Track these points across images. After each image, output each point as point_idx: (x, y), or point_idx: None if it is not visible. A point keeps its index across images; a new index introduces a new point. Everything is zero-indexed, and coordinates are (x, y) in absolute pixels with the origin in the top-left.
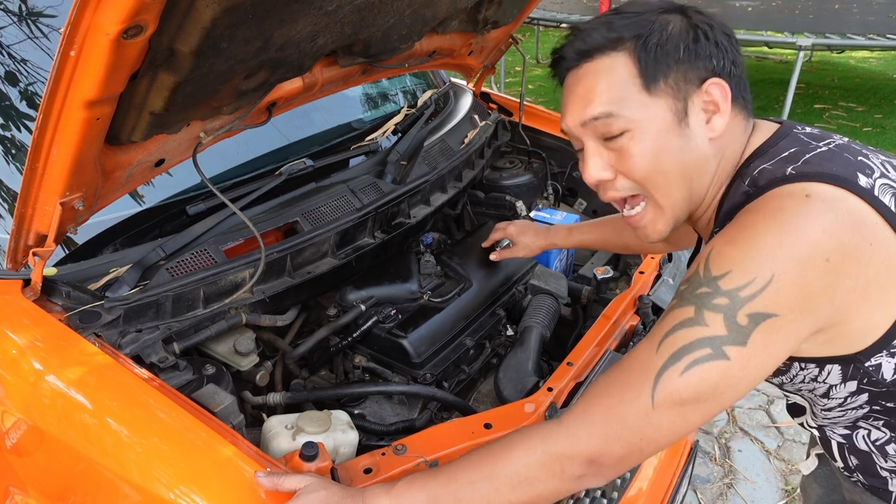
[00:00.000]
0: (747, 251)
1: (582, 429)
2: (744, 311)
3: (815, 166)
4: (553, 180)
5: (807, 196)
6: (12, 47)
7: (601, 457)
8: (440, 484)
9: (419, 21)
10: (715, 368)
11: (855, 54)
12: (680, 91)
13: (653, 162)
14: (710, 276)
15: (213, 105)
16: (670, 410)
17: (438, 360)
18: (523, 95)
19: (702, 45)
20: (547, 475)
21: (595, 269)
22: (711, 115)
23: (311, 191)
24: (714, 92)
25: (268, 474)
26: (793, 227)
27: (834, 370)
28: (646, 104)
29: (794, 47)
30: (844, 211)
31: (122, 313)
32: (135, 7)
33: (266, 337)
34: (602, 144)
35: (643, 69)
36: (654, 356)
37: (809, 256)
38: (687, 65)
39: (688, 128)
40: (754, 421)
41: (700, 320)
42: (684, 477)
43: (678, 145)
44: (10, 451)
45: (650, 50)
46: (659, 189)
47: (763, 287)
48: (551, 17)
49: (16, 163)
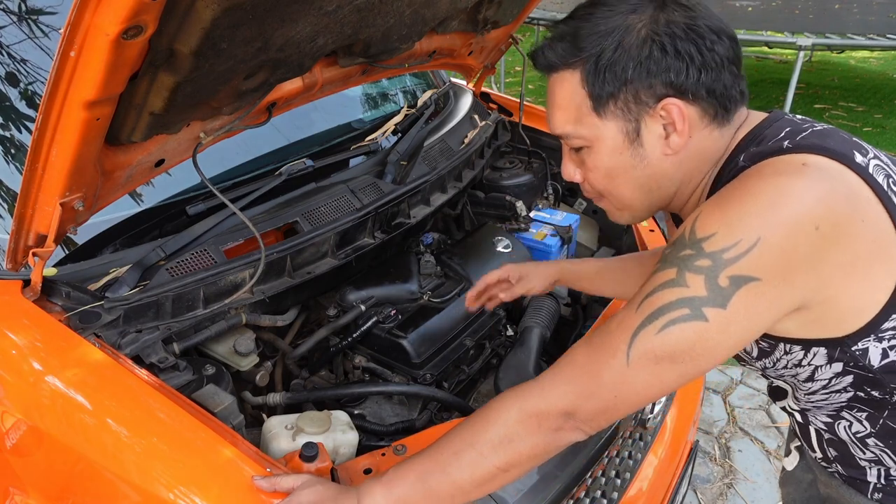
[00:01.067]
0: (734, 213)
1: (558, 385)
2: (725, 274)
3: (811, 140)
4: (553, 180)
5: (803, 164)
6: (12, 47)
7: (576, 412)
8: (426, 460)
9: (419, 21)
10: (692, 329)
11: (855, 54)
12: (630, 112)
13: (606, 178)
14: (695, 238)
15: (212, 105)
16: (645, 369)
17: (438, 360)
18: (523, 95)
19: (655, 59)
20: (525, 431)
21: None
22: (670, 133)
23: (310, 191)
24: (672, 111)
25: (264, 477)
26: (785, 191)
27: (820, 353)
28: (596, 125)
29: (794, 47)
30: (840, 182)
31: (121, 314)
32: (135, 7)
33: (266, 337)
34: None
35: (592, 91)
36: (633, 316)
37: (799, 222)
38: (638, 83)
39: (641, 147)
40: (754, 421)
41: (681, 281)
42: (684, 477)
43: (630, 164)
44: (10, 452)
45: (599, 72)
46: (617, 199)
47: (747, 250)
48: (551, 17)
49: (16, 163)
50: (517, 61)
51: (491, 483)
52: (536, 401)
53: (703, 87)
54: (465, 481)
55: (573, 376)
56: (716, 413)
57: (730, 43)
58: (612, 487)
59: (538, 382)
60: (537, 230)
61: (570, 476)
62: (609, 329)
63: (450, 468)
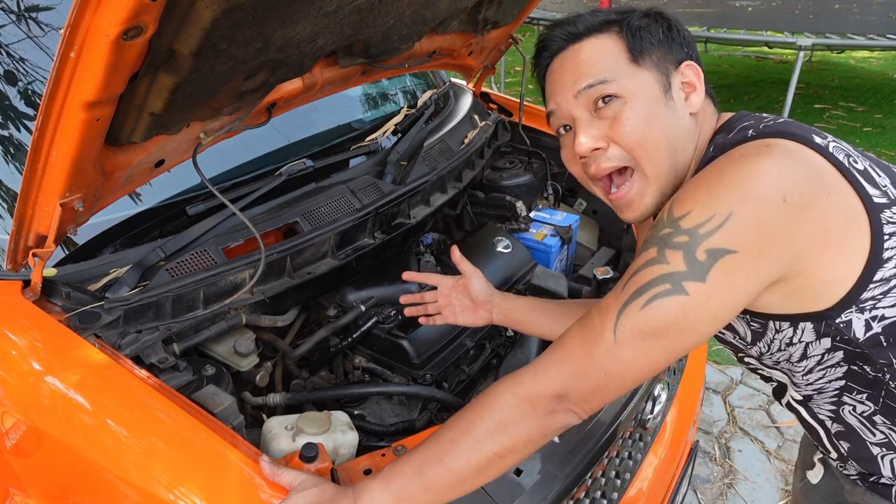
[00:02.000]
0: (707, 191)
1: (549, 369)
2: (702, 248)
3: (773, 128)
4: (553, 180)
5: (767, 146)
6: (12, 47)
7: (568, 393)
8: (423, 453)
9: (419, 21)
10: (674, 303)
11: (855, 54)
12: (662, 67)
13: (644, 127)
14: (672, 217)
15: (212, 106)
16: (632, 345)
17: (438, 360)
18: (523, 95)
19: (675, 33)
20: (520, 415)
21: (595, 270)
22: (689, 93)
23: (310, 191)
24: (689, 73)
25: (270, 462)
26: (751, 168)
27: (807, 328)
28: (635, 74)
29: (794, 47)
30: (801, 158)
31: (121, 314)
32: (135, 8)
33: (266, 337)
34: (594, 115)
35: (630, 45)
36: (619, 295)
37: (767, 195)
38: (666, 46)
39: (672, 100)
40: (754, 421)
41: (661, 258)
42: (684, 477)
43: (666, 114)
44: (10, 452)
45: (634, 31)
46: (648, 156)
47: (721, 223)
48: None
49: (16, 163)
50: (517, 61)
51: (488, 470)
52: (530, 385)
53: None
54: (462, 469)
55: (564, 358)
56: (716, 413)
57: None
58: (612, 488)
59: (531, 367)
60: (537, 230)
61: (570, 476)
62: (598, 309)
63: (447, 457)
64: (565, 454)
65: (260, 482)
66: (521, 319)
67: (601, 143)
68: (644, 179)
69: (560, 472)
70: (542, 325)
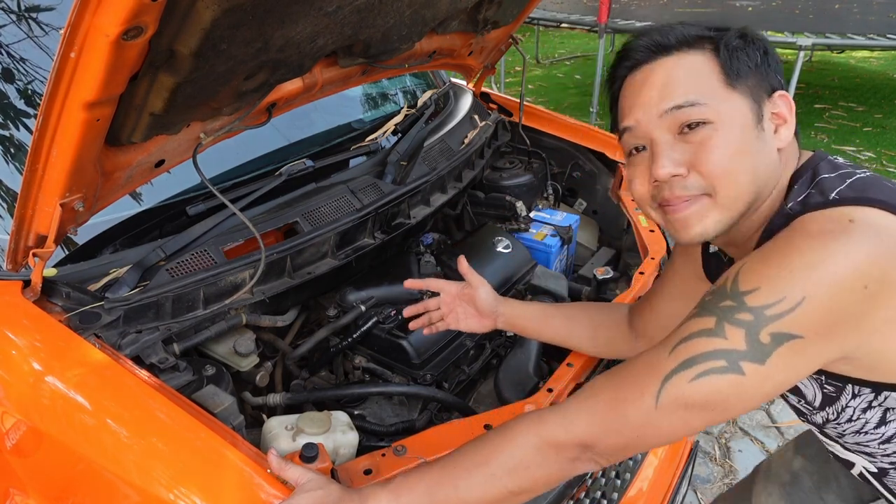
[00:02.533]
0: (780, 269)
1: (581, 417)
2: (767, 330)
3: (858, 191)
4: (553, 180)
5: (850, 221)
6: (12, 47)
7: (595, 445)
8: (437, 473)
9: (419, 21)
10: (727, 381)
11: (855, 54)
12: (756, 95)
13: (732, 158)
14: (738, 290)
15: (212, 106)
16: (673, 414)
17: (438, 360)
18: (523, 95)
19: (771, 57)
20: (542, 459)
21: (595, 270)
22: (779, 126)
23: (310, 191)
24: (781, 104)
25: (278, 457)
26: (832, 250)
27: (892, 397)
28: (729, 99)
29: (794, 47)
30: (888, 236)
31: (121, 314)
32: (135, 8)
33: (266, 337)
34: (677, 138)
35: (726, 66)
36: (665, 359)
37: (847, 280)
38: (762, 72)
39: (763, 132)
40: (754, 421)
41: (720, 332)
42: (684, 477)
43: (756, 146)
44: (10, 452)
45: (731, 51)
46: (728, 189)
47: (791, 308)
48: (551, 17)
49: (16, 163)
50: (517, 61)
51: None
52: (556, 430)
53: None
54: (473, 500)
55: (596, 411)
56: None
57: None
58: (612, 488)
59: (559, 411)
60: (537, 230)
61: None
62: (638, 368)
63: (460, 484)
64: None
65: (260, 482)
66: (524, 325)
67: (682, 169)
68: (714, 206)
69: None
70: (546, 331)
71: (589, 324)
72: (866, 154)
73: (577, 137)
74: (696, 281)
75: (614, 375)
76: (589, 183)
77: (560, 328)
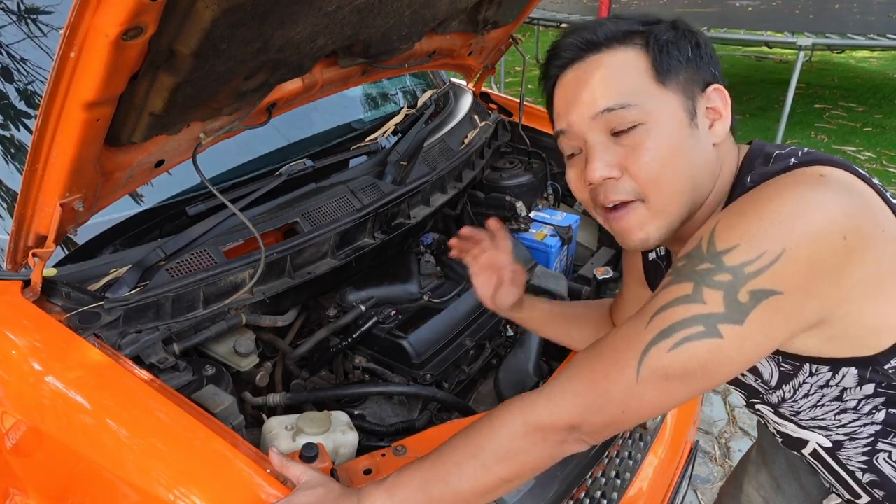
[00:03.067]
0: (760, 222)
1: (564, 399)
2: (746, 288)
3: (816, 156)
4: (553, 180)
5: (821, 175)
6: (12, 47)
7: (581, 425)
8: (428, 469)
9: (419, 22)
10: (705, 346)
11: (855, 54)
12: (688, 91)
13: (665, 159)
14: (715, 251)
15: (213, 106)
16: (655, 385)
17: (438, 360)
18: (523, 95)
19: (704, 50)
20: (530, 444)
21: (595, 270)
22: (714, 120)
23: (310, 191)
24: (716, 98)
25: (280, 454)
26: (810, 200)
27: (850, 373)
28: (660, 97)
29: (794, 47)
30: (859, 193)
31: (121, 314)
32: (135, 8)
33: (266, 337)
34: (610, 140)
35: (656, 62)
36: (643, 331)
37: (827, 231)
38: (694, 66)
39: (696, 129)
40: (754, 421)
41: (697, 297)
42: (684, 477)
43: (690, 144)
44: (10, 452)
45: (662, 45)
46: (661, 192)
47: (772, 262)
48: (551, 17)
49: (15, 163)
50: (517, 61)
51: (493, 493)
52: (542, 414)
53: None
54: (466, 491)
55: (579, 390)
56: (716, 413)
57: None
58: (612, 488)
59: (543, 394)
60: (537, 230)
61: (570, 476)
62: (616, 343)
63: (451, 478)
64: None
65: (260, 482)
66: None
67: (615, 172)
68: (648, 212)
69: (560, 472)
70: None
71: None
72: (866, 154)
73: None
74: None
75: (594, 352)
76: None
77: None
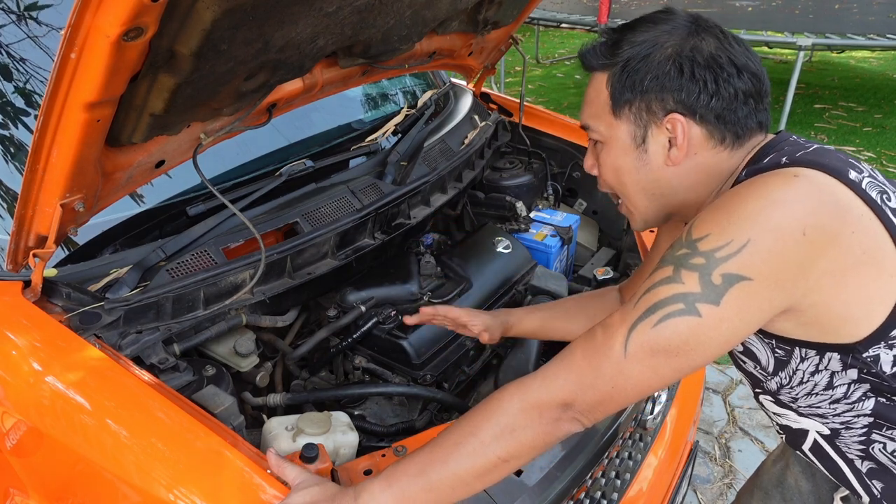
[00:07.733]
0: (728, 216)
1: (558, 377)
2: (718, 271)
3: (807, 157)
4: (553, 181)
5: (795, 176)
6: (12, 47)
7: (574, 402)
8: (426, 454)
9: (419, 22)
10: (686, 323)
11: (855, 54)
12: (641, 119)
13: (613, 174)
14: (691, 238)
15: (213, 106)
16: (641, 361)
17: (438, 360)
18: (523, 95)
19: (671, 77)
20: (526, 421)
21: (595, 270)
22: (672, 145)
23: (311, 192)
24: (673, 126)
25: (277, 456)
26: (775, 198)
27: (834, 358)
28: (611, 125)
29: (794, 47)
30: (829, 193)
31: (122, 314)
32: (135, 9)
33: (266, 338)
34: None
35: (612, 94)
36: (631, 310)
37: (787, 227)
38: (652, 94)
39: (645, 153)
40: (754, 421)
41: (677, 278)
42: (684, 477)
43: (633, 166)
44: (10, 452)
45: (622, 77)
46: (626, 196)
47: (738, 250)
48: (551, 17)
49: (16, 163)
50: (517, 61)
51: (492, 474)
52: (537, 392)
53: (713, 113)
54: (465, 472)
55: (572, 368)
56: (716, 413)
57: (751, 79)
58: (612, 488)
59: (538, 374)
60: (537, 231)
61: (569, 477)
62: (608, 323)
63: (450, 459)
64: (565, 455)
65: (260, 482)
66: (533, 332)
67: (595, 171)
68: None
69: (560, 472)
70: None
71: (584, 315)
72: (866, 154)
73: (576, 137)
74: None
75: (588, 333)
76: (589, 183)
77: (560, 328)
